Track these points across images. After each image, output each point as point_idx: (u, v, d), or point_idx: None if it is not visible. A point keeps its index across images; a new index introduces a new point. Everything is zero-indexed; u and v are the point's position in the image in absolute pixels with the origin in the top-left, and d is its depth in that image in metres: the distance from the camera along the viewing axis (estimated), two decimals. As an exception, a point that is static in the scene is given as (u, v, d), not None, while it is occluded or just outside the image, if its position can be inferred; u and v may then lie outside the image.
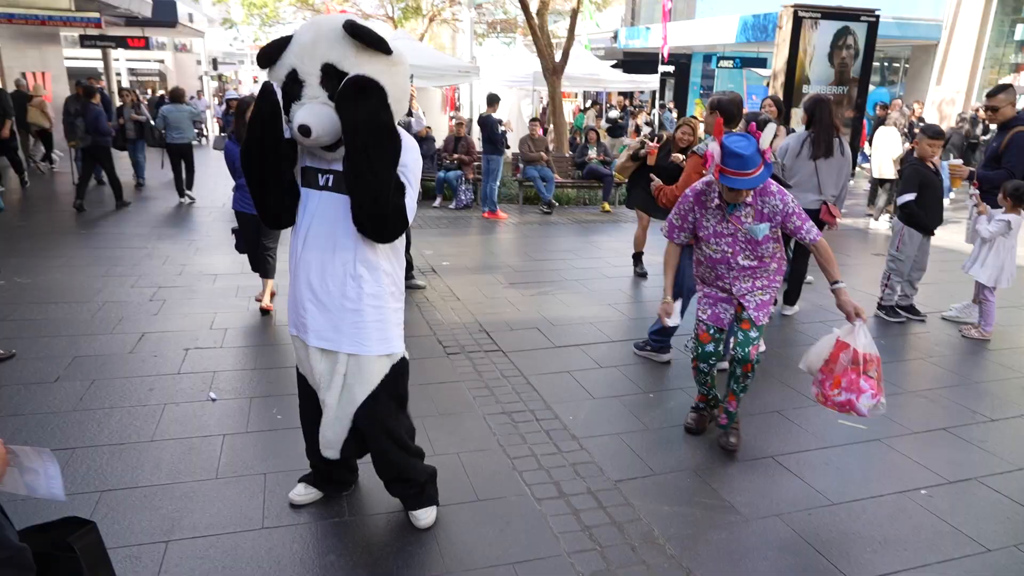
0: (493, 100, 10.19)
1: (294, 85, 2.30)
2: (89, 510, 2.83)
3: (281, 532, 2.76)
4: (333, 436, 2.67)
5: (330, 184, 2.44)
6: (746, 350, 3.37)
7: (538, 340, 5.01)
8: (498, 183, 10.02)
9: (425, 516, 2.82)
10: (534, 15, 12.56)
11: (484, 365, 4.50)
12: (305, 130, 2.24)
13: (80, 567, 1.66)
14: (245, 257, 5.70)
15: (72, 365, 4.28)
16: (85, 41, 18.07)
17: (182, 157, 10.19)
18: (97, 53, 21.18)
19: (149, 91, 29.01)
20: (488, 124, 9.71)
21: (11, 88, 13.27)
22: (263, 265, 5.41)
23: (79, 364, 4.30)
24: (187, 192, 10.32)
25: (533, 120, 11.27)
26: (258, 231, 5.25)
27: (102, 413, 3.69)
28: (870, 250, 8.41)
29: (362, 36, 2.26)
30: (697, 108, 20.67)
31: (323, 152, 2.40)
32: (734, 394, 3.50)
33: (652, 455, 3.45)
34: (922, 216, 5.45)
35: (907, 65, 19.23)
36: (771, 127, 3.14)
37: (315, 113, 2.25)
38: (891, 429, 3.79)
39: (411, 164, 2.43)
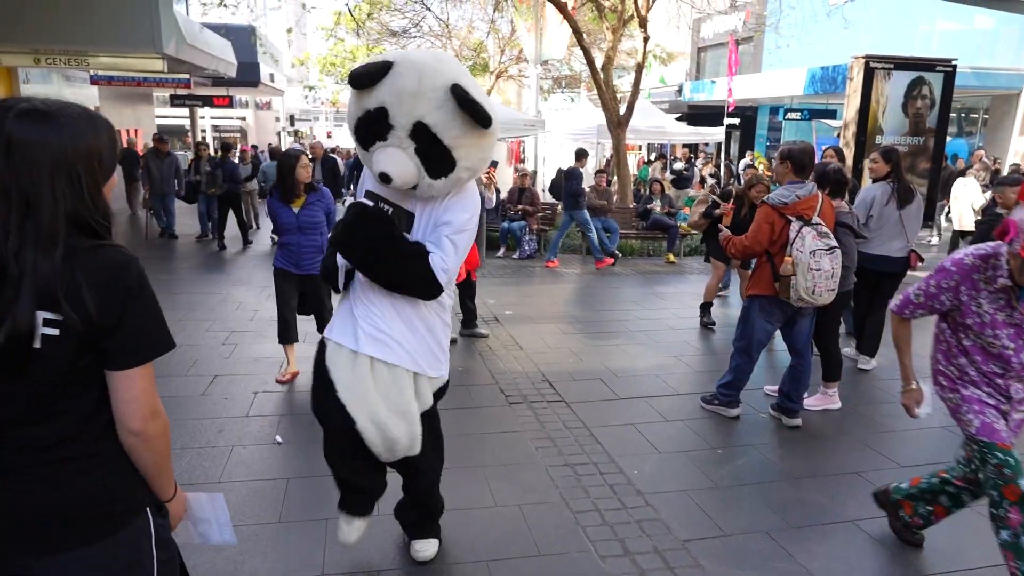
0: (581, 155, 10.46)
1: (382, 123, 2.26)
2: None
3: (341, 579, 2.74)
4: (398, 432, 2.50)
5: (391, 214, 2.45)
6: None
7: (601, 391, 4.92)
8: (594, 233, 10.14)
9: (428, 548, 2.86)
10: (599, 70, 12.76)
11: (546, 415, 4.43)
12: (386, 178, 2.28)
13: None
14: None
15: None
16: (175, 100, 19.30)
17: None
18: (185, 111, 22.62)
19: (238, 148, 30.07)
20: (574, 177, 9.91)
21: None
22: (293, 330, 5.07)
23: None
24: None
25: (599, 172, 11.33)
26: (295, 292, 4.98)
27: (174, 453, 3.74)
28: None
29: (469, 108, 2.22)
30: (757, 160, 20.43)
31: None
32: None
33: (722, 514, 3.29)
34: None
35: (986, 115, 18.61)
36: None
37: (398, 162, 2.26)
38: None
39: (457, 223, 2.41)
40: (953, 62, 9.38)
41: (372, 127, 2.30)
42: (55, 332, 1.31)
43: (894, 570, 2.91)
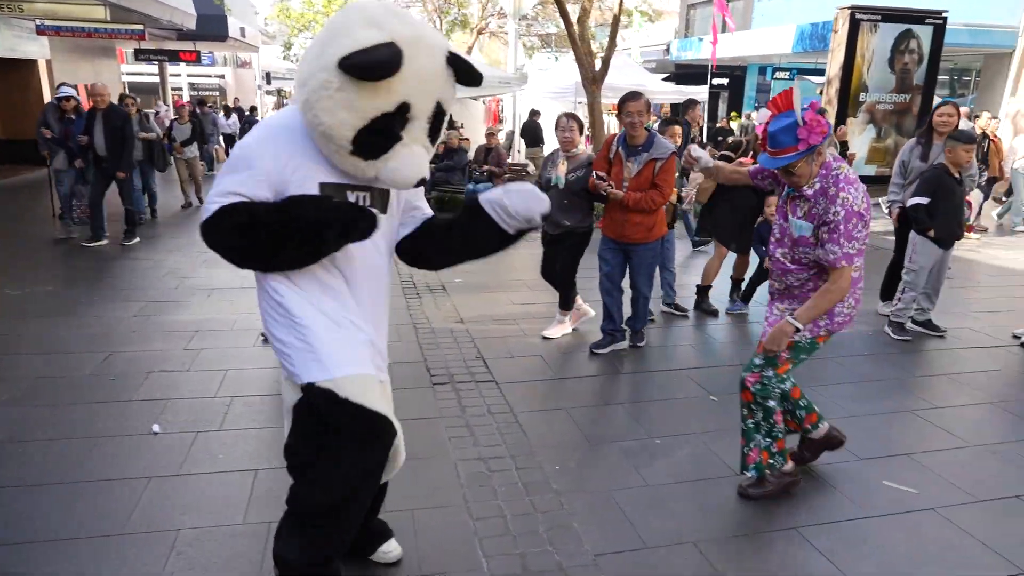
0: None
1: (400, 120, 1.84)
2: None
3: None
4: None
5: (367, 202, 2.04)
6: (742, 375, 3.03)
7: (540, 370, 4.46)
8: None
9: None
10: (574, 23, 12.07)
11: (471, 399, 3.97)
12: (422, 182, 1.95)
13: None
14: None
15: (33, 385, 3.94)
16: (139, 55, 18.49)
17: None
18: (155, 68, 21.70)
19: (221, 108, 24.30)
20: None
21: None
22: None
23: (39, 385, 3.96)
24: None
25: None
26: None
27: (38, 445, 3.30)
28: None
29: (467, 70, 1.94)
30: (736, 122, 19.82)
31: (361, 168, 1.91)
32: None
33: (646, 521, 2.85)
34: (925, 222, 4.98)
35: (978, 76, 18.00)
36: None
37: (425, 160, 1.93)
38: (950, 495, 3.10)
39: (426, 208, 2.34)
40: (944, 14, 8.81)
41: (388, 129, 1.83)
42: None
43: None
